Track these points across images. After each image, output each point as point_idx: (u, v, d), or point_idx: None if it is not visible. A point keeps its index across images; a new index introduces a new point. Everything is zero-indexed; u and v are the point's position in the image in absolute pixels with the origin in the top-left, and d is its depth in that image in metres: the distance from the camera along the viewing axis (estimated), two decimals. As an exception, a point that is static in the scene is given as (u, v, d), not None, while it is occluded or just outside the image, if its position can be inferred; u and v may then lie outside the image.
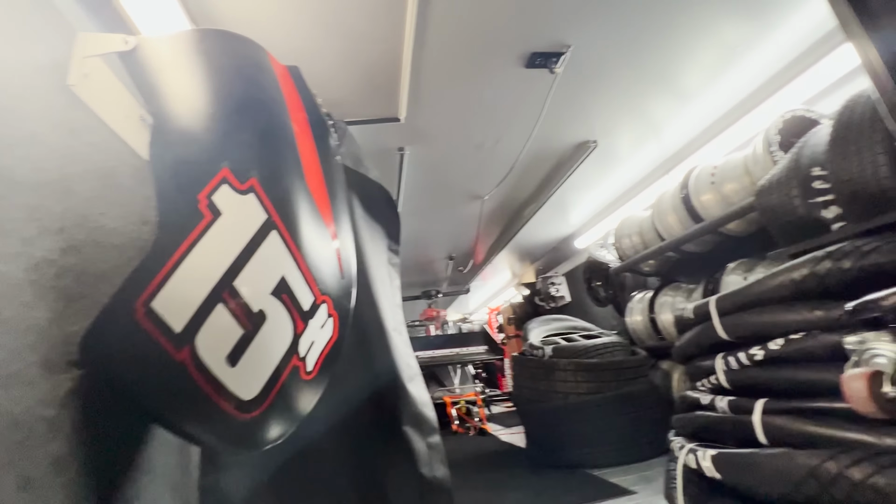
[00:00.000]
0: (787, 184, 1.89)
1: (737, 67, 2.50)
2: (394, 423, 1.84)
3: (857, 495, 1.07)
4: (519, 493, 2.38)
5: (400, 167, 2.95)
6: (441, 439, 1.90)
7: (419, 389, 1.96)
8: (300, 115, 1.50)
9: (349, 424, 1.73)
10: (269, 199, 1.19)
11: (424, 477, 1.80)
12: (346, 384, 1.75)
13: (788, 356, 1.44)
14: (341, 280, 1.44)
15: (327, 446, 1.67)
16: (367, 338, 1.92)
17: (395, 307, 2.15)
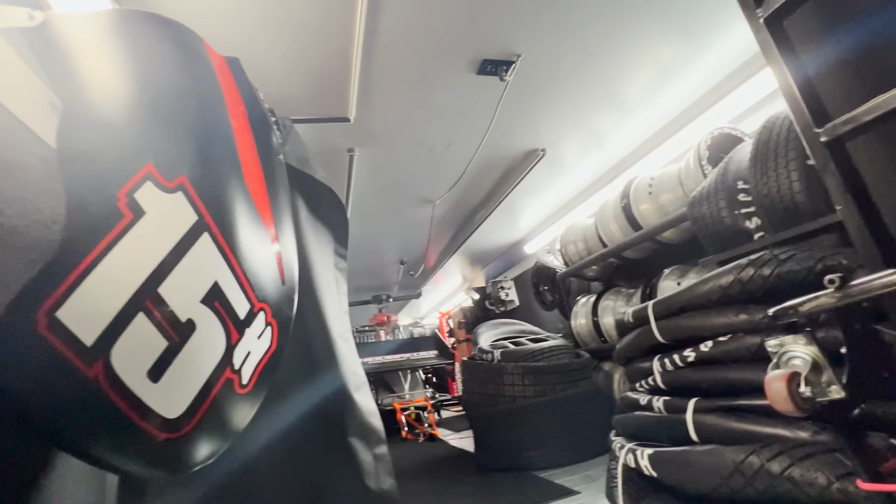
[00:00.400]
0: (716, 196, 2.03)
1: (673, 85, 2.67)
2: (339, 435, 1.77)
3: (777, 486, 1.15)
4: (466, 499, 2.38)
5: (349, 169, 2.88)
6: (388, 449, 1.85)
7: (366, 398, 1.90)
8: (239, 110, 1.41)
9: (290, 439, 1.64)
10: (201, 199, 1.10)
11: (371, 490, 1.74)
12: (287, 396, 1.66)
13: (716, 357, 1.54)
14: (282, 286, 1.36)
15: (266, 463, 1.57)
16: (311, 347, 1.83)
17: (341, 314, 2.07)
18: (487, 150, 3.03)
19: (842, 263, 1.38)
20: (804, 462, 1.12)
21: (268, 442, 1.54)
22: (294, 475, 1.64)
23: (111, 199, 0.88)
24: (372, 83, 2.12)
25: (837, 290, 0.77)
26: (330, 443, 1.75)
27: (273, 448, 1.57)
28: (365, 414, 1.85)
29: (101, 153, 0.92)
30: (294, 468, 1.64)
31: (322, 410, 1.75)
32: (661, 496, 1.61)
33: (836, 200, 0.94)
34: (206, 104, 1.24)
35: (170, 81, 1.11)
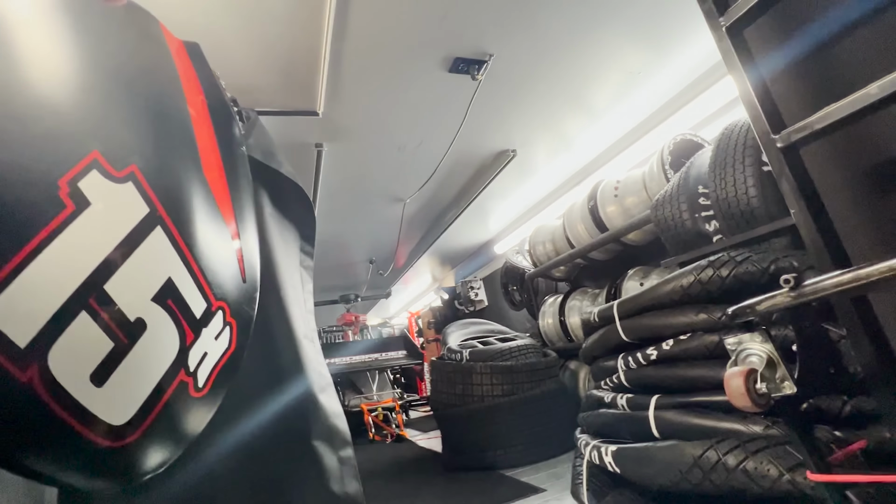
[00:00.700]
0: (678, 199, 2.10)
1: (638, 91, 2.75)
2: (302, 438, 1.71)
3: (732, 479, 1.20)
4: (432, 501, 2.36)
5: (317, 164, 2.80)
6: (353, 452, 1.81)
7: (331, 400, 1.85)
8: (198, 98, 1.34)
9: (251, 443, 1.57)
10: (154, 190, 1.04)
11: (335, 494, 1.70)
12: (248, 399, 1.59)
13: (677, 355, 1.59)
14: (242, 284, 1.30)
15: (224, 469, 1.50)
16: (274, 347, 1.77)
17: (306, 313, 2.01)
18: (459, 150, 3.03)
19: (793, 265, 1.45)
20: (757, 455, 1.17)
21: (227, 447, 1.47)
22: (255, 480, 1.57)
23: (51, 188, 0.82)
24: (341, 76, 2.07)
25: (792, 290, 0.80)
26: (293, 446, 1.69)
27: (233, 453, 1.50)
28: (330, 416, 1.80)
29: (40, 137, 0.84)
30: (255, 473, 1.58)
31: (285, 413, 1.69)
32: (623, 492, 1.65)
33: (790, 204, 0.98)
34: (160, 90, 1.17)
35: (120, 63, 1.04)
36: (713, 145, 1.99)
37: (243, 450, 1.55)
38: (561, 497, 2.09)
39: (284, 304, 1.85)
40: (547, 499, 2.12)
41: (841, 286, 0.73)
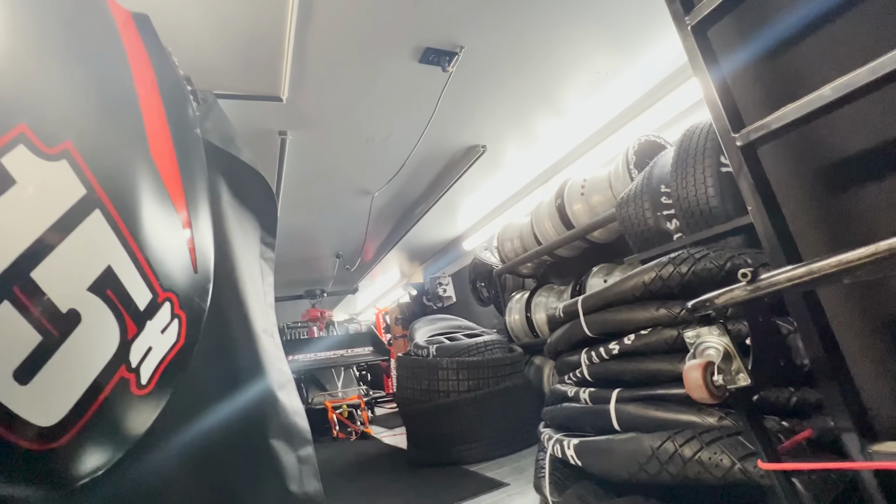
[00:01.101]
0: (641, 198, 2.15)
1: (606, 90, 2.79)
2: (260, 436, 1.64)
3: (687, 470, 1.23)
4: (395, 498, 2.33)
5: (281, 153, 2.70)
6: (314, 450, 1.75)
7: (291, 397, 1.78)
8: (147, 75, 1.24)
9: (203, 443, 1.49)
10: (92, 171, 0.95)
11: (294, 494, 1.64)
12: (201, 396, 1.51)
13: (638, 350, 1.62)
14: (193, 275, 1.22)
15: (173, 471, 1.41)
16: (231, 342, 1.69)
17: (266, 307, 1.93)
18: (428, 143, 2.99)
19: (747, 262, 1.50)
20: (711, 446, 1.21)
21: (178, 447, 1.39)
22: (209, 482, 1.49)
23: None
24: (307, 61, 1.99)
25: (749, 284, 0.82)
26: (250, 445, 1.62)
27: (184, 454, 1.42)
28: (290, 414, 1.74)
29: (-47, 106, 0.75)
30: (209, 474, 1.49)
31: (242, 411, 1.61)
32: (585, 484, 1.68)
33: (747, 201, 1.00)
34: (102, 63, 1.08)
35: (54, 30, 0.94)
36: (675, 146, 2.04)
37: (196, 450, 1.47)
38: (524, 491, 2.10)
39: (242, 297, 1.77)
40: (510, 493, 2.13)
41: (794, 280, 0.75)
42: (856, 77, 0.81)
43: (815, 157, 1.06)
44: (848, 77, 0.82)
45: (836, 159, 1.03)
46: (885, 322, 0.99)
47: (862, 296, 1.03)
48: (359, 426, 5.00)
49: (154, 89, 1.26)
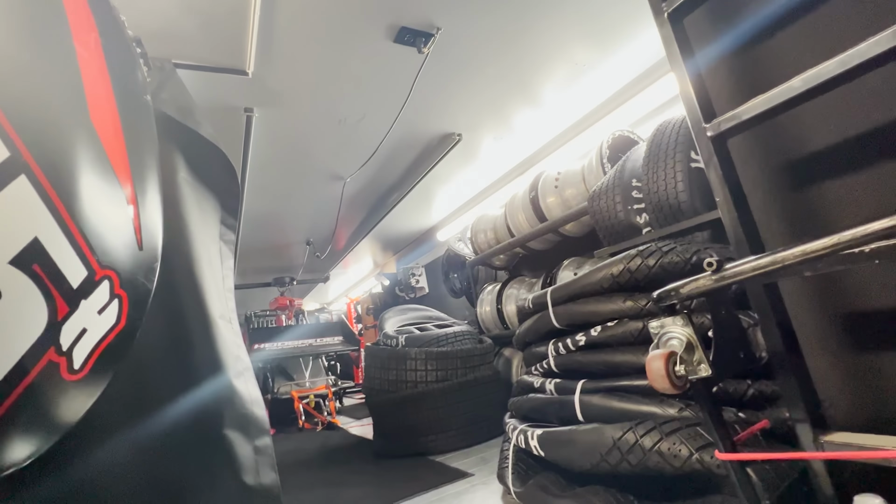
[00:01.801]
0: (613, 191, 2.16)
1: (583, 84, 2.78)
2: (214, 426, 1.56)
3: (647, 460, 1.24)
4: (358, 490, 2.29)
5: (247, 132, 2.57)
6: (271, 441, 1.69)
7: (249, 386, 1.71)
8: (89, 34, 1.13)
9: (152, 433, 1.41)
10: (18, 132, 0.86)
11: (248, 486, 1.57)
12: (147, 383, 1.42)
13: (604, 341, 1.62)
14: (138, 252, 1.13)
15: (117, 463, 1.33)
16: (184, 327, 1.59)
17: (225, 292, 1.84)
18: (403, 129, 2.92)
19: (712, 256, 1.52)
20: (671, 436, 1.22)
21: (119, 438, 1.30)
22: (153, 474, 1.40)
23: None
24: (275, 32, 1.88)
25: (714, 273, 0.81)
26: (203, 436, 1.54)
27: (127, 445, 1.33)
28: (246, 403, 1.66)
29: None
30: (157, 466, 1.41)
31: (194, 400, 1.53)
32: (547, 475, 1.68)
33: (715, 192, 1.00)
34: (33, 16, 0.97)
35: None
36: (647, 141, 2.05)
37: (143, 441, 1.38)
38: (487, 481, 2.10)
39: (198, 279, 1.68)
40: (474, 483, 2.12)
41: (758, 270, 0.75)
42: (825, 69, 0.80)
43: (783, 151, 1.06)
44: (817, 69, 0.81)
45: (802, 154, 1.04)
46: (842, 317, 1.01)
47: (821, 291, 1.05)
48: (326, 416, 4.92)
49: (97, 50, 1.15)
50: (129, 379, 1.26)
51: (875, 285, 0.96)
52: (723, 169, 0.99)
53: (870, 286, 0.97)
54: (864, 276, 0.97)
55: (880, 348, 0.96)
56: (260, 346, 5.64)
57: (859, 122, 0.95)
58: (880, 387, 0.95)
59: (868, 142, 0.95)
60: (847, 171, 0.99)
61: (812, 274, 0.78)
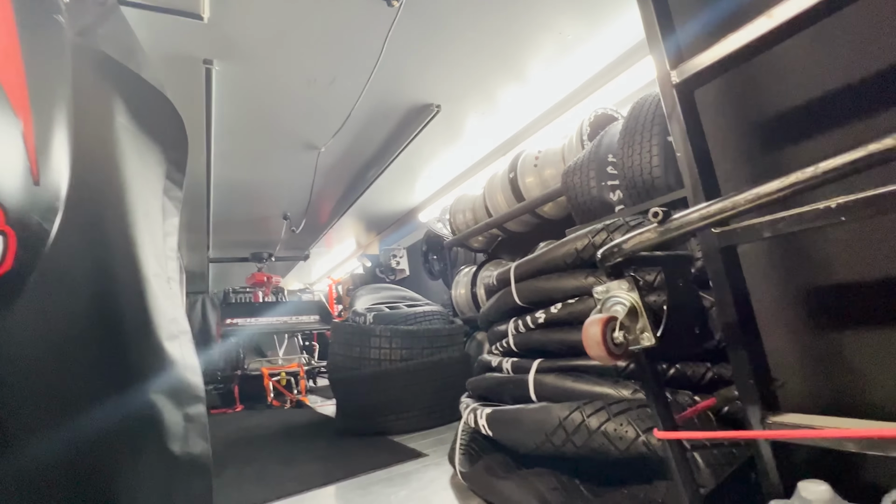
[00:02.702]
0: (587, 167, 2.05)
1: (570, 58, 2.66)
2: (138, 390, 1.45)
3: (592, 441, 1.15)
4: (308, 466, 2.20)
5: (208, 87, 2.41)
6: (205, 409, 1.58)
7: (183, 350, 1.59)
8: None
9: (63, 391, 1.30)
10: None
11: (174, 454, 1.47)
12: (63, 339, 1.31)
13: (564, 319, 1.53)
14: (33, 187, 1.00)
15: (22, 426, 1.21)
16: (111, 281, 1.47)
17: (167, 250, 1.71)
18: (377, 96, 2.78)
19: (680, 232, 1.42)
20: (618, 417, 1.13)
21: (26, 394, 1.19)
22: (66, 436, 1.29)
23: None
24: (229, -29, 1.73)
25: (661, 224, 0.71)
26: (125, 400, 1.43)
27: (35, 403, 1.22)
28: (179, 368, 1.55)
29: None
30: (66, 428, 1.30)
31: (117, 360, 1.42)
32: (495, 456, 1.60)
33: (677, 147, 0.89)
34: None
35: None
36: (626, 116, 1.95)
37: (56, 401, 1.27)
38: (440, 462, 2.02)
39: (131, 233, 1.54)
40: (426, 463, 2.04)
41: (707, 218, 0.65)
42: (793, 4, 0.70)
43: (754, 107, 0.96)
44: (785, 5, 0.71)
45: (774, 111, 0.93)
46: (805, 292, 0.92)
47: (784, 263, 0.96)
48: (295, 395, 4.83)
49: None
50: (24, 332, 1.15)
51: (844, 257, 0.88)
52: (687, 121, 0.88)
53: (838, 258, 0.88)
54: (833, 248, 0.88)
55: (844, 328, 0.88)
56: (232, 322, 5.51)
57: (836, 74, 0.85)
58: (840, 370, 0.87)
59: (845, 97, 0.85)
60: (822, 130, 0.89)
61: (772, 235, 0.68)
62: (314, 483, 1.90)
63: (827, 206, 0.62)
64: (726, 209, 0.62)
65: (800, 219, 0.67)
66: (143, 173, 1.71)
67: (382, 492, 1.73)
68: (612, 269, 0.82)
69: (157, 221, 1.74)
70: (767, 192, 0.57)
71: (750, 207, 0.60)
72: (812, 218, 0.65)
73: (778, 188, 0.56)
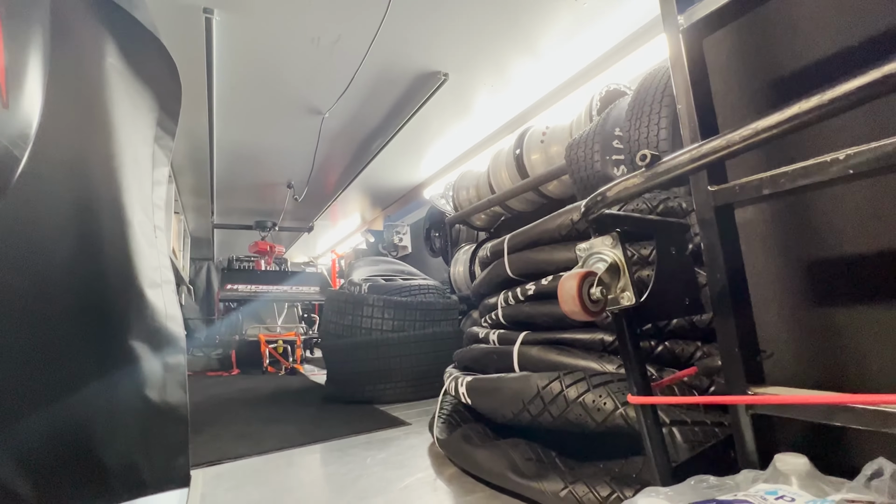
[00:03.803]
0: (592, 140, 1.97)
1: (587, 32, 2.55)
2: (117, 334, 1.44)
3: (569, 412, 1.11)
4: (289, 427, 2.20)
5: (208, 39, 2.34)
6: (185, 360, 1.57)
7: (167, 300, 1.57)
8: None
9: (40, 327, 1.29)
10: None
11: (151, 401, 1.46)
12: (40, 273, 1.29)
13: (552, 291, 1.48)
14: (2, 110, 0.96)
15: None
16: (93, 221, 1.44)
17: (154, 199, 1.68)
18: (384, 60, 2.69)
19: (681, 206, 1.36)
20: (598, 388, 1.09)
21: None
22: (41, 375, 1.28)
23: None
24: None
25: (648, 168, 0.65)
26: (104, 342, 1.41)
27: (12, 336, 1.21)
28: (159, 316, 1.53)
29: None
30: (42, 367, 1.29)
31: (95, 302, 1.40)
32: (473, 426, 1.57)
33: (678, 98, 0.82)
34: None
35: None
36: (636, 87, 1.86)
37: (31, 334, 1.26)
38: (421, 431, 2.01)
39: (116, 176, 1.51)
40: (408, 432, 2.03)
41: (699, 159, 0.59)
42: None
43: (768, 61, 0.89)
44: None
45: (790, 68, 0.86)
46: (805, 263, 0.86)
47: (785, 230, 0.89)
48: (290, 362, 4.87)
49: None
50: (17, 265, 1.14)
51: (852, 229, 0.81)
52: (692, 71, 0.81)
53: (845, 230, 0.82)
54: (841, 219, 0.82)
55: (847, 305, 0.82)
56: (232, 287, 5.54)
57: (861, 26, 0.77)
58: (838, 348, 0.81)
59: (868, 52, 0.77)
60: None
61: (773, 192, 0.62)
62: (293, 443, 1.90)
63: (835, 157, 0.56)
64: (719, 148, 0.56)
65: (805, 172, 0.61)
66: (132, 118, 1.67)
67: (359, 454, 1.71)
68: (596, 223, 0.77)
69: (146, 169, 1.71)
70: (767, 126, 0.51)
71: (747, 146, 0.53)
72: (818, 171, 0.59)
73: (779, 121, 0.50)
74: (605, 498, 1.00)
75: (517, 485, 1.19)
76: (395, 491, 1.37)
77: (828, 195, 0.84)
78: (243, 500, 1.40)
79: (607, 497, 1.00)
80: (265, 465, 1.68)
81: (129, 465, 1.45)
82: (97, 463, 1.38)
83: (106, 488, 1.39)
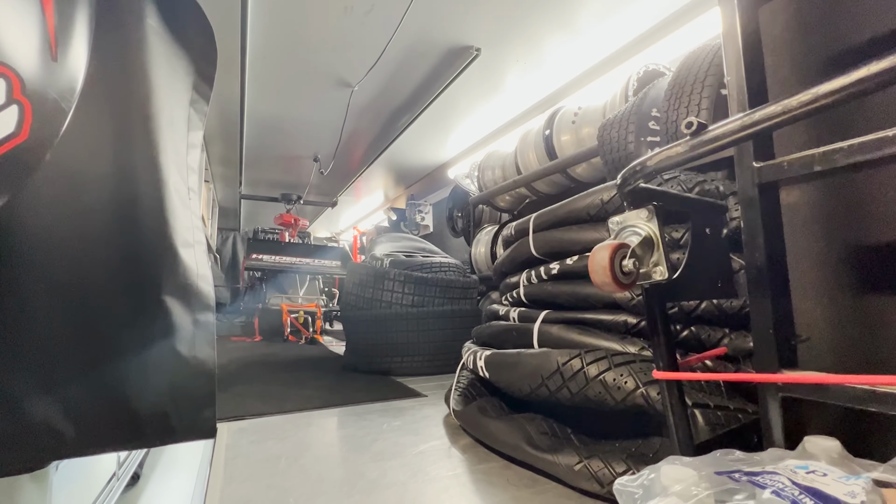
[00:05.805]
0: (627, 121, 1.92)
1: (627, 9, 2.45)
2: (150, 288, 1.50)
3: (588, 389, 1.11)
4: (312, 392, 2.28)
5: (243, 2, 2.35)
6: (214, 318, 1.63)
7: (199, 259, 1.61)
8: None
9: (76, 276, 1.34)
10: None
11: (181, 355, 1.52)
12: (80, 222, 1.34)
13: (577, 272, 1.47)
14: (51, 63, 0.99)
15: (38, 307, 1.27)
16: (132, 178, 1.48)
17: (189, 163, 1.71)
18: (415, 32, 2.65)
19: (718, 189, 1.31)
20: (620, 367, 1.08)
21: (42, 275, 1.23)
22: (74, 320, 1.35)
23: None
24: None
25: (693, 136, 0.63)
26: (137, 295, 1.47)
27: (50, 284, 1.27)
28: (191, 275, 1.57)
29: None
30: (75, 312, 1.35)
31: (130, 255, 1.45)
32: (490, 399, 1.59)
33: (728, 70, 0.79)
34: None
35: None
36: (676, 67, 1.78)
37: (67, 282, 1.32)
38: (437, 403, 2.05)
39: (154, 136, 1.53)
40: (424, 403, 2.07)
41: (749, 127, 0.56)
42: None
43: (830, 40, 0.83)
44: None
45: (852, 45, 0.81)
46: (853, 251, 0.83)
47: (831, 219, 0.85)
48: (310, 332, 5.00)
49: None
50: (58, 215, 1.18)
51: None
52: (745, 40, 0.77)
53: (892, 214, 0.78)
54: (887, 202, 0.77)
55: (889, 293, 0.78)
56: (258, 257, 5.68)
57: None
58: (877, 337, 0.78)
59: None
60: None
61: (825, 169, 0.59)
62: (313, 405, 1.96)
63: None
64: (774, 115, 0.53)
65: (861, 148, 0.58)
66: (170, 79, 1.69)
67: (376, 420, 1.76)
68: (632, 195, 0.75)
69: (182, 131, 1.74)
70: (829, 90, 0.48)
71: (806, 111, 0.51)
72: (875, 147, 0.56)
73: (842, 85, 0.47)
74: (620, 474, 1.00)
75: (531, 456, 1.20)
76: (410, 455, 1.40)
77: (876, 181, 0.80)
78: (265, 452, 1.47)
79: (623, 473, 1.00)
80: (286, 424, 1.75)
81: (160, 413, 1.52)
82: (131, 411, 1.45)
83: (139, 434, 1.47)
